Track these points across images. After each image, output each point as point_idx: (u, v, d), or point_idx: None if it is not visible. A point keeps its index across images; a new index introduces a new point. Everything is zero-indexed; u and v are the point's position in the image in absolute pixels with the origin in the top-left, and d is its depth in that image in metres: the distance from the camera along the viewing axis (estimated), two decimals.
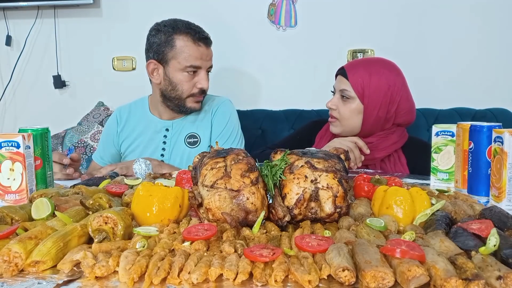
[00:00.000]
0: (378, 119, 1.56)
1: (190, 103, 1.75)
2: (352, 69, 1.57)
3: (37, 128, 1.15)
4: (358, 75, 1.54)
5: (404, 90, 1.57)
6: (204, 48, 1.70)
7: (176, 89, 1.72)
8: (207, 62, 1.73)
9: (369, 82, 1.53)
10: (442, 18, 2.40)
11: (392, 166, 1.60)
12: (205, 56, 1.70)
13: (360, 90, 1.54)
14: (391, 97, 1.54)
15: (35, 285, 0.62)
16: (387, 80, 1.53)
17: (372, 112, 1.55)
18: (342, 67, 1.61)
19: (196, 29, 1.71)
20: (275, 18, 2.51)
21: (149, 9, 2.55)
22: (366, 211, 0.90)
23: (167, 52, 1.69)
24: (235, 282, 0.61)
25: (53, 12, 2.61)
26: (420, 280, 0.58)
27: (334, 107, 1.60)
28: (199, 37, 1.69)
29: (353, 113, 1.57)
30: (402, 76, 1.59)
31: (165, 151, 1.81)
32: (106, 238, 0.75)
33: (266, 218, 0.85)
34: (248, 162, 0.85)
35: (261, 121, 2.39)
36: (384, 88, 1.53)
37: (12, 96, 2.73)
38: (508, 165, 0.99)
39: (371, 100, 1.54)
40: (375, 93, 1.53)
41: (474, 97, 2.37)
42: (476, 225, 0.75)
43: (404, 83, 1.58)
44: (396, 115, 1.56)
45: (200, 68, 1.71)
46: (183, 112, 1.79)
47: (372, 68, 1.55)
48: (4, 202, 1.05)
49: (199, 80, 1.71)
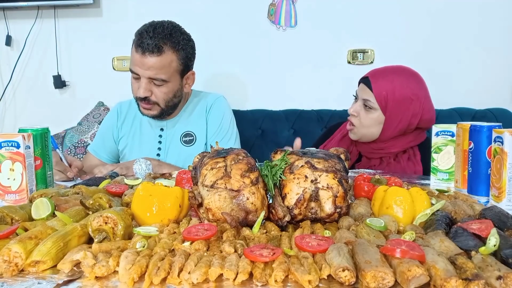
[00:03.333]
0: (398, 131, 1.56)
1: (140, 108, 1.72)
2: (376, 80, 1.55)
3: (37, 128, 1.15)
4: (382, 87, 1.53)
5: (427, 102, 1.56)
6: (139, 55, 1.60)
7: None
8: (145, 71, 1.60)
9: (393, 95, 1.52)
10: (442, 18, 2.40)
11: (406, 160, 1.59)
12: (140, 64, 1.60)
13: (383, 102, 1.53)
14: (414, 111, 1.53)
15: (35, 285, 0.62)
16: (411, 93, 1.52)
17: (393, 124, 1.55)
18: (366, 76, 1.59)
19: (144, 35, 1.60)
20: (275, 18, 2.51)
21: (149, 9, 2.55)
22: (366, 211, 0.90)
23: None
24: (235, 282, 0.61)
25: (53, 12, 2.61)
26: (420, 280, 0.58)
27: (355, 113, 1.59)
28: (139, 44, 1.60)
29: (374, 123, 1.57)
30: (425, 88, 1.58)
31: (161, 150, 1.81)
32: (106, 238, 0.75)
33: (266, 218, 0.85)
34: (248, 162, 0.85)
35: (261, 121, 2.39)
36: (407, 102, 1.52)
37: (12, 96, 2.73)
38: (508, 165, 0.99)
39: (393, 113, 1.53)
40: (397, 106, 1.52)
41: (474, 97, 2.37)
42: (476, 225, 0.75)
43: (427, 95, 1.58)
44: (418, 123, 1.57)
45: (138, 75, 1.63)
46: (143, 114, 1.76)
47: (396, 80, 1.53)
48: (4, 202, 1.05)
49: (137, 87, 1.65)
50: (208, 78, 2.44)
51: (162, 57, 1.60)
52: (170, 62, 1.63)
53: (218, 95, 1.89)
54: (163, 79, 1.63)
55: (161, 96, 1.66)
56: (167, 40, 1.61)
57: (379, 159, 1.63)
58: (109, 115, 1.93)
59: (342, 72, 2.45)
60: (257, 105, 2.51)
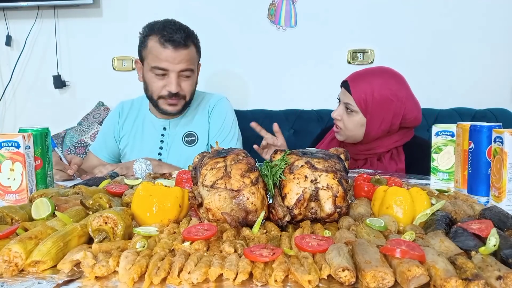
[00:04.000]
0: (381, 131, 1.57)
1: (163, 105, 1.73)
2: (355, 83, 1.56)
3: (37, 128, 1.15)
4: (361, 90, 1.54)
5: (409, 101, 1.56)
6: (170, 50, 1.63)
7: (147, 89, 1.74)
8: (176, 65, 1.65)
9: (372, 97, 1.53)
10: (442, 18, 2.40)
11: (388, 161, 1.60)
12: (171, 58, 1.64)
13: (363, 105, 1.54)
14: (395, 111, 1.54)
15: (35, 285, 0.62)
16: (391, 94, 1.53)
17: (375, 125, 1.56)
18: (346, 80, 1.61)
19: (169, 30, 1.64)
20: (275, 18, 2.51)
21: (149, 9, 2.55)
22: (366, 211, 0.90)
23: (142, 51, 1.73)
24: (235, 282, 0.61)
25: (53, 12, 2.61)
26: (420, 280, 0.58)
27: (339, 117, 1.61)
28: (167, 39, 1.63)
29: (356, 125, 1.58)
30: (405, 86, 1.58)
31: (163, 149, 1.81)
32: (106, 238, 0.75)
33: (266, 218, 0.85)
34: (248, 162, 0.85)
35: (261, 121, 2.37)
36: (387, 103, 1.53)
37: (12, 96, 2.73)
38: (508, 165, 0.99)
39: (374, 115, 1.54)
40: (377, 108, 1.53)
41: (474, 97, 2.37)
42: (476, 225, 0.75)
43: (408, 94, 1.57)
44: (402, 123, 1.57)
45: (168, 71, 1.66)
46: (162, 113, 1.77)
47: (374, 82, 1.54)
48: (4, 202, 1.05)
49: (167, 83, 1.67)
50: (208, 78, 2.44)
51: (190, 49, 1.68)
52: (194, 53, 1.72)
53: (221, 96, 1.91)
54: (192, 70, 1.71)
55: (188, 88, 1.72)
56: (188, 32, 1.69)
57: (364, 159, 1.65)
58: (111, 115, 1.93)
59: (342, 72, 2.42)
60: (257, 105, 2.51)
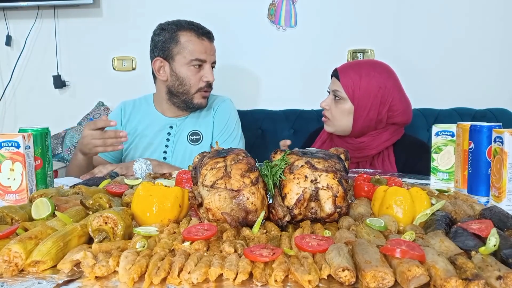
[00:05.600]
0: (368, 120, 1.58)
1: (197, 99, 1.79)
2: (344, 71, 1.60)
3: (37, 128, 1.15)
4: (349, 77, 1.57)
5: (397, 91, 1.58)
6: (207, 42, 1.77)
7: (183, 84, 1.76)
8: (211, 57, 1.79)
9: (359, 83, 1.56)
10: (442, 18, 2.40)
11: (380, 163, 1.61)
12: (208, 50, 1.77)
13: (350, 91, 1.57)
14: (382, 99, 1.56)
15: (35, 285, 0.62)
16: (378, 82, 1.55)
17: (362, 113, 1.57)
18: (336, 68, 1.64)
19: (199, 25, 1.79)
20: (275, 18, 2.50)
21: (149, 9, 2.55)
22: (366, 211, 0.90)
23: (172, 48, 1.75)
24: (235, 282, 0.61)
25: (53, 12, 2.61)
26: (420, 280, 0.58)
27: (327, 107, 1.64)
28: (202, 32, 1.76)
29: (343, 113, 1.59)
30: (394, 77, 1.61)
31: (168, 147, 1.83)
32: (106, 238, 0.75)
33: (266, 218, 0.85)
34: (248, 162, 0.85)
35: (261, 121, 2.39)
36: (374, 90, 1.55)
37: (12, 96, 2.73)
38: (508, 165, 0.99)
39: (361, 102, 1.56)
40: (365, 94, 1.55)
41: (474, 97, 2.37)
42: (476, 225, 0.75)
43: (396, 84, 1.60)
44: (390, 116, 1.58)
45: (205, 62, 1.76)
46: (190, 108, 1.82)
47: (362, 70, 1.58)
48: (4, 202, 1.05)
49: (205, 73, 1.77)
50: None
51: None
52: None
53: (225, 97, 1.96)
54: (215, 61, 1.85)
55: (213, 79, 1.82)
56: None
57: (356, 163, 1.65)
58: (113, 114, 1.94)
59: None
60: (257, 105, 2.51)
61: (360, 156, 1.63)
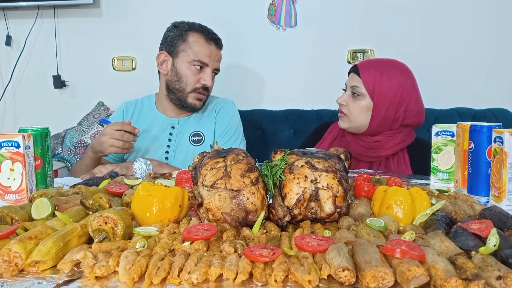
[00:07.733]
0: (386, 118, 1.57)
1: (191, 99, 1.80)
2: (365, 67, 1.59)
3: (37, 128, 1.15)
4: (370, 73, 1.57)
5: (414, 92, 1.59)
6: (214, 47, 1.80)
7: (181, 81, 1.78)
8: (215, 63, 1.81)
9: (380, 81, 1.56)
10: (442, 18, 2.40)
11: (396, 165, 1.61)
12: (213, 55, 1.79)
13: (371, 88, 1.56)
14: (401, 98, 1.56)
15: (35, 285, 0.62)
16: (398, 80, 1.56)
17: (381, 110, 1.56)
18: (356, 64, 1.64)
19: (210, 30, 1.82)
20: (275, 18, 2.50)
21: (149, 9, 2.55)
22: (366, 211, 0.90)
23: (179, 45, 1.78)
24: (235, 282, 0.61)
25: (53, 12, 2.61)
26: (420, 280, 0.58)
27: (344, 103, 1.63)
28: (211, 37, 1.80)
29: (362, 110, 1.59)
30: (412, 78, 1.61)
31: (170, 148, 1.84)
32: (106, 238, 0.75)
33: (266, 218, 0.85)
34: (248, 162, 0.85)
35: (261, 121, 2.39)
36: (395, 88, 1.55)
37: (12, 96, 2.73)
38: (508, 165, 0.99)
39: (380, 99, 1.56)
40: (385, 92, 1.55)
41: (474, 97, 2.37)
42: (476, 225, 0.75)
43: (415, 85, 1.60)
44: (405, 116, 1.58)
45: (207, 66, 1.78)
46: (184, 108, 1.83)
47: (384, 68, 1.58)
48: (4, 202, 1.05)
49: (204, 76, 1.78)
50: None
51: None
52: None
53: (228, 99, 1.98)
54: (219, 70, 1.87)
55: (213, 85, 1.85)
56: None
57: (369, 163, 1.64)
58: (115, 115, 1.96)
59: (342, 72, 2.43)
60: (257, 105, 2.51)
61: (373, 156, 1.62)
